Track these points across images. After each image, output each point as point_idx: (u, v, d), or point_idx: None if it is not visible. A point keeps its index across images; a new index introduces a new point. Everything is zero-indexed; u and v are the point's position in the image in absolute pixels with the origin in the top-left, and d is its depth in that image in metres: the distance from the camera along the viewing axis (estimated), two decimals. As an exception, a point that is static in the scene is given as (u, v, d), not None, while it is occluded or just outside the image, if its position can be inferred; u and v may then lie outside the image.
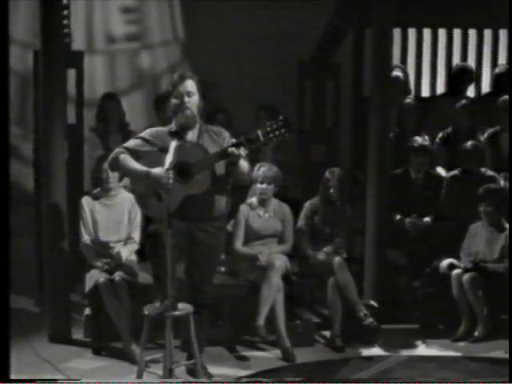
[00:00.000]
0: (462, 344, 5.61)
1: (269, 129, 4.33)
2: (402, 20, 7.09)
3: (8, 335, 3.70)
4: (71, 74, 6.78)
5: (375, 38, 6.07)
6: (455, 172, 6.32)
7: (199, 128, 4.60)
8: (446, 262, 5.82)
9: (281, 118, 4.37)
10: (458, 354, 5.43)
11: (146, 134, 4.62)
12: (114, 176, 5.55)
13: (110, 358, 5.28)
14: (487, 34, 7.85)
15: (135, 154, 4.52)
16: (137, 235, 5.58)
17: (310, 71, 7.57)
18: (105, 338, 5.39)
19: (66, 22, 6.66)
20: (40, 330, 5.64)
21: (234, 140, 4.42)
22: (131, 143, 4.59)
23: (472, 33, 7.84)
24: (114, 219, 5.57)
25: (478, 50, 7.83)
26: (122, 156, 4.52)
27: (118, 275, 5.29)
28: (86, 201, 5.63)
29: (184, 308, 4.45)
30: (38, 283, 6.24)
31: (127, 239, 5.57)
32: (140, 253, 5.62)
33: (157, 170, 4.33)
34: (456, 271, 5.73)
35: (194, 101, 4.51)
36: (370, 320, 5.42)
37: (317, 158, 7.56)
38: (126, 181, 5.86)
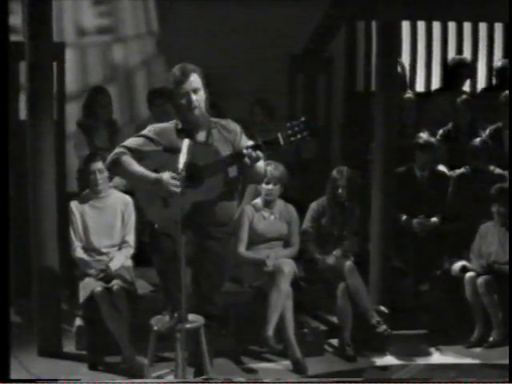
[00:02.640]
0: (477, 350, 5.37)
1: (290, 131, 3.95)
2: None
3: (8, 336, 3.55)
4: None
5: (380, 31, 5.80)
6: (462, 170, 6.08)
7: (208, 125, 4.20)
8: (458, 265, 5.57)
9: (303, 119, 3.99)
10: (476, 362, 5.17)
11: (149, 131, 4.17)
12: (104, 177, 5.16)
13: (107, 373, 4.89)
14: (482, 27, 7.63)
15: (138, 154, 4.08)
16: (131, 238, 5.21)
17: (302, 65, 7.26)
18: (101, 351, 5.00)
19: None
20: (26, 343, 5.21)
21: (250, 142, 4.04)
22: (133, 142, 4.13)
23: (467, 26, 7.61)
24: (106, 223, 5.18)
25: (474, 43, 7.60)
26: (124, 158, 4.07)
27: (115, 284, 4.91)
28: (74, 204, 5.22)
29: (195, 320, 4.09)
30: (22, 290, 5.80)
31: (121, 243, 5.19)
32: (136, 258, 5.27)
33: (166, 175, 3.93)
34: (469, 274, 5.48)
35: (201, 97, 4.09)
36: (384, 327, 5.12)
37: (309, 155, 7.26)
38: (116, 181, 5.52)
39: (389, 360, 5.20)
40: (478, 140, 6.02)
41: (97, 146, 5.91)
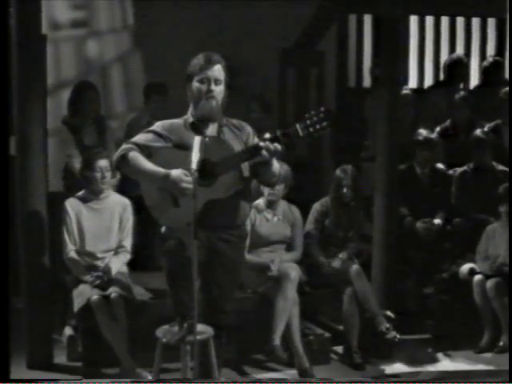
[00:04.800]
0: (488, 356, 5.17)
1: (308, 122, 3.69)
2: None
3: (8, 335, 3.47)
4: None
5: (382, 26, 5.64)
6: (465, 168, 5.89)
7: (219, 121, 3.93)
8: (466, 268, 5.38)
9: (322, 109, 3.74)
10: (491, 368, 4.96)
11: (157, 127, 3.90)
12: (108, 176, 4.85)
13: (104, 386, 4.61)
14: (475, 22, 7.48)
15: (146, 150, 3.81)
16: (128, 243, 4.91)
17: (293, 59, 7.03)
18: (98, 362, 4.69)
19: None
20: (13, 355, 4.84)
21: (268, 135, 3.78)
22: (141, 138, 3.86)
23: (460, 21, 7.46)
24: (103, 225, 4.87)
25: (466, 39, 7.45)
26: (132, 154, 3.78)
27: (113, 291, 4.60)
28: (70, 204, 4.88)
29: (204, 331, 3.81)
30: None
31: (118, 248, 4.89)
32: (130, 262, 4.97)
33: (177, 172, 3.68)
34: (478, 277, 5.29)
35: (220, 90, 3.83)
36: (393, 334, 4.89)
37: (300, 152, 7.03)
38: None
39: (398, 367, 4.98)
40: (480, 134, 5.85)
41: (84, 145, 5.57)
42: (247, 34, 6.97)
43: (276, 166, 3.87)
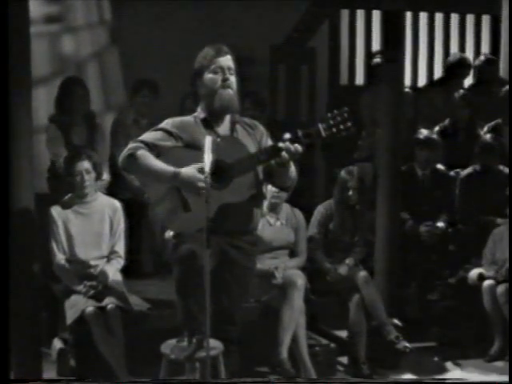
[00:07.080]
0: (499, 364, 4.97)
1: (331, 122, 3.47)
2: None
3: (8, 335, 3.44)
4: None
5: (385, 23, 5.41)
6: (470, 170, 5.69)
7: (230, 117, 3.68)
8: (475, 273, 5.17)
9: (346, 109, 3.52)
10: (504, 377, 4.75)
11: (167, 124, 3.63)
12: (91, 178, 4.55)
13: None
14: (470, 19, 7.32)
15: (155, 150, 3.55)
16: (121, 248, 4.61)
17: (284, 55, 6.77)
18: (92, 377, 4.36)
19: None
20: None
21: (288, 135, 3.53)
22: (150, 136, 3.59)
23: (454, 17, 7.29)
24: (93, 231, 4.56)
25: (461, 36, 7.28)
26: (141, 153, 3.51)
27: (109, 302, 4.29)
28: (56, 211, 4.57)
29: (214, 346, 3.54)
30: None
31: (111, 254, 4.58)
32: (124, 270, 4.66)
33: (189, 171, 3.43)
34: (488, 282, 5.09)
35: (234, 80, 3.60)
36: (404, 344, 4.66)
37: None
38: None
39: (408, 378, 4.76)
40: (489, 136, 5.66)
41: (74, 143, 5.26)
42: (238, 30, 6.70)
43: (293, 168, 3.64)
